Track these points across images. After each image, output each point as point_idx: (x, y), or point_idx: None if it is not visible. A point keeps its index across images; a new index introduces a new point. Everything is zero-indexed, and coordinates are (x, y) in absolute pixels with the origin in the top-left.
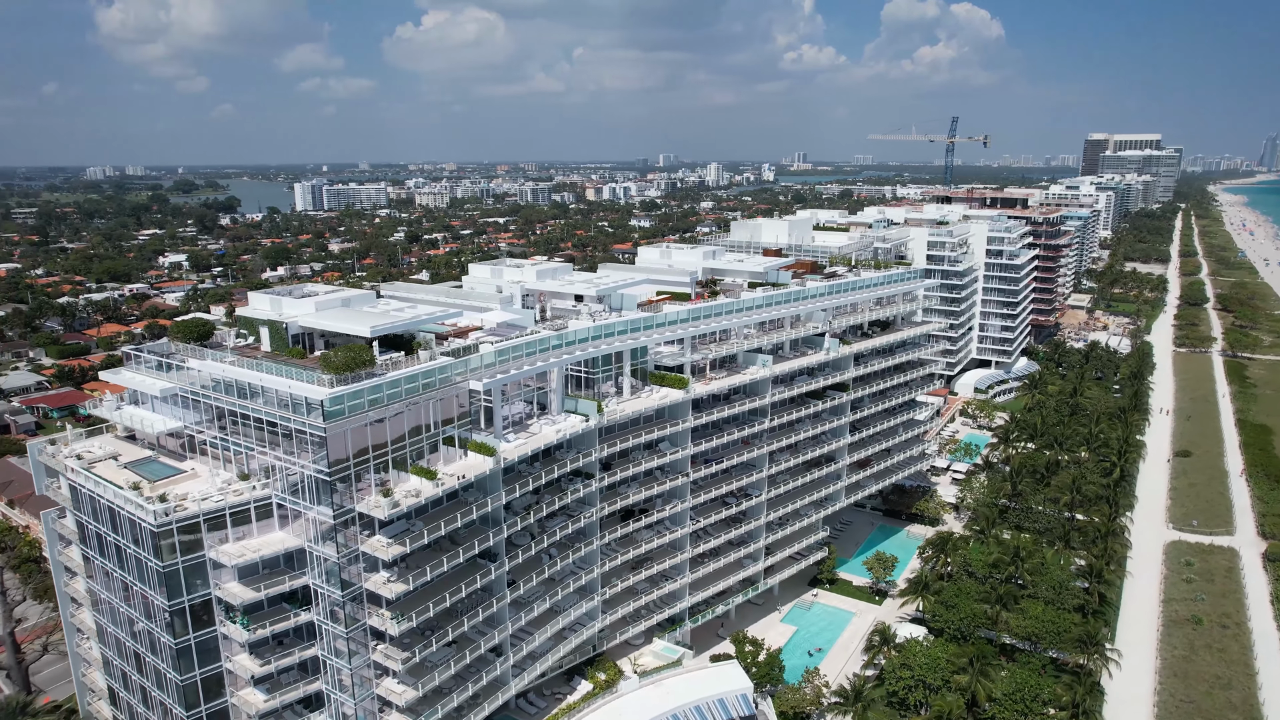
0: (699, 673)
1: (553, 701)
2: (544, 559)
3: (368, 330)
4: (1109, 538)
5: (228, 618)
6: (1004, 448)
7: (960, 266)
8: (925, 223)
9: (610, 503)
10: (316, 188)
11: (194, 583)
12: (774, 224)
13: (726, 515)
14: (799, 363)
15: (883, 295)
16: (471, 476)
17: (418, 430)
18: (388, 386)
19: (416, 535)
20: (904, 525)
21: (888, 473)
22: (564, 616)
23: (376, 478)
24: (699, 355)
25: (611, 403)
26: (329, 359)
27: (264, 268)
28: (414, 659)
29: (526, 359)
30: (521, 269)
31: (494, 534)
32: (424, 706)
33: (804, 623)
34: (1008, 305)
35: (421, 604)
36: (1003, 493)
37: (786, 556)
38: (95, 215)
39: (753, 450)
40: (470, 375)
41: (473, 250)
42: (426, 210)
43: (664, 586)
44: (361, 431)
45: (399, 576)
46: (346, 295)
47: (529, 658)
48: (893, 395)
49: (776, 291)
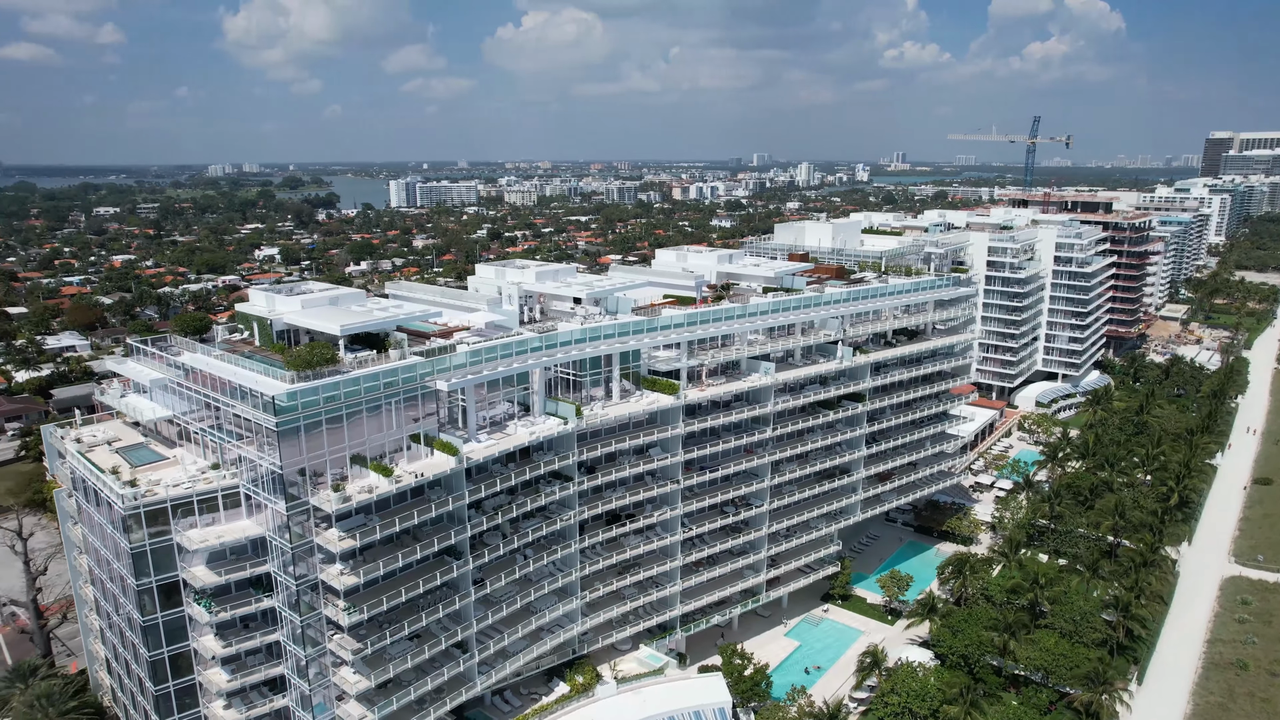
0: (680, 683)
1: (528, 701)
2: (517, 559)
3: (337, 328)
4: (1145, 568)
5: (194, 599)
6: (1051, 466)
7: (1022, 274)
8: (988, 227)
9: (591, 506)
10: (411, 185)
11: (161, 564)
12: (818, 227)
13: (724, 524)
14: (806, 371)
15: (911, 303)
16: (429, 475)
17: (379, 427)
18: (345, 385)
19: (369, 530)
20: (936, 543)
21: (912, 487)
22: (538, 617)
23: (335, 472)
24: (696, 360)
25: (596, 406)
26: (291, 355)
27: (348, 262)
28: (366, 650)
29: (502, 360)
30: (523, 270)
31: (456, 532)
32: (379, 696)
33: (809, 639)
34: (1076, 315)
35: (376, 597)
36: (1041, 514)
37: (794, 569)
38: (208, 210)
39: (754, 459)
40: (438, 376)
41: (550, 248)
42: (513, 208)
43: (652, 593)
44: (317, 426)
45: (352, 569)
46: (337, 293)
47: (499, 655)
48: (919, 407)
49: (784, 298)
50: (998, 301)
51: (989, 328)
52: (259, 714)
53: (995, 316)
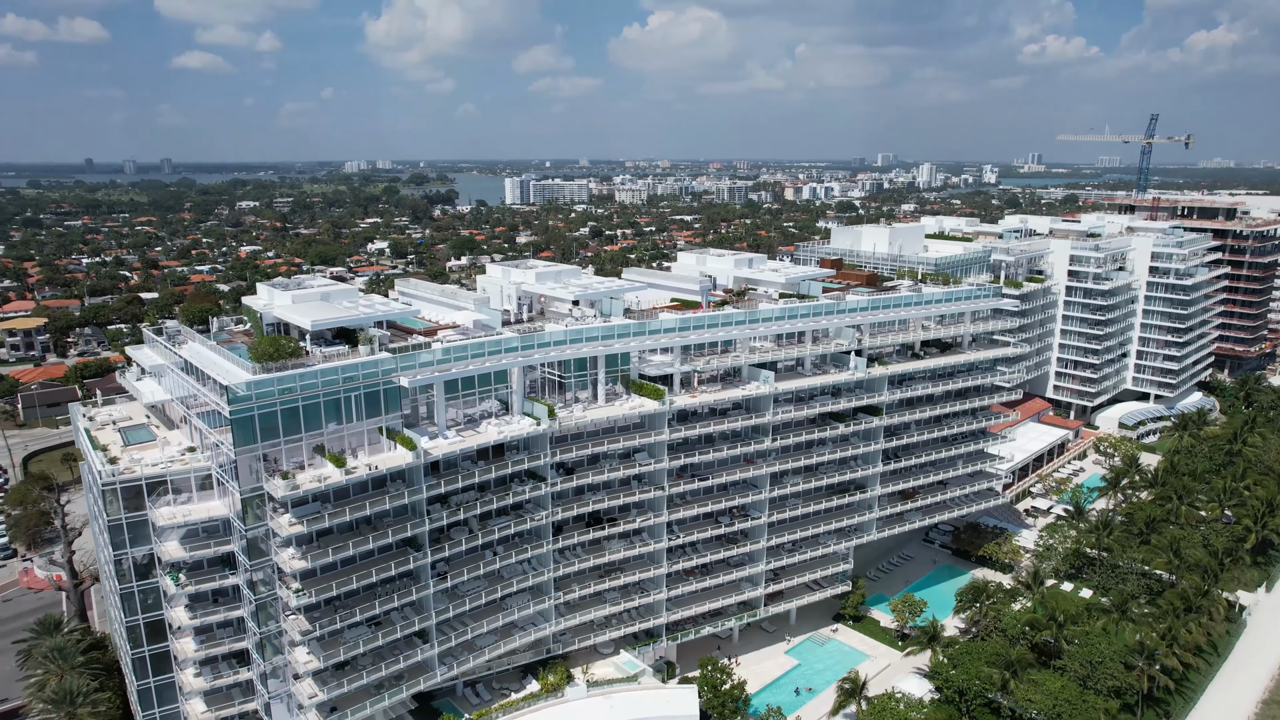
0: (651, 692)
1: (499, 696)
2: (486, 555)
3: (309, 323)
4: (1188, 613)
5: (164, 572)
6: (1113, 494)
7: (1107, 285)
8: (1072, 234)
9: (567, 508)
10: (525, 182)
11: (136, 537)
12: (875, 232)
13: (716, 534)
14: (811, 381)
15: (943, 314)
16: (383, 467)
17: (339, 419)
18: (303, 378)
19: (319, 518)
20: (973, 568)
21: (941, 508)
22: (506, 614)
23: (296, 461)
24: (689, 366)
25: (577, 409)
26: (254, 348)
27: (449, 256)
28: (315, 631)
29: (473, 359)
30: (525, 271)
31: (414, 525)
32: (333, 677)
33: (810, 658)
34: (1174, 331)
35: (327, 582)
36: (1089, 544)
37: (799, 585)
38: (336, 205)
39: (752, 469)
40: (402, 372)
41: (648, 247)
42: (622, 206)
43: (635, 598)
44: (272, 416)
45: (303, 554)
46: (329, 290)
47: (465, 648)
48: (950, 423)
49: (788, 305)
50: (1078, 314)
51: (1068, 341)
52: (225, 683)
53: (1075, 330)
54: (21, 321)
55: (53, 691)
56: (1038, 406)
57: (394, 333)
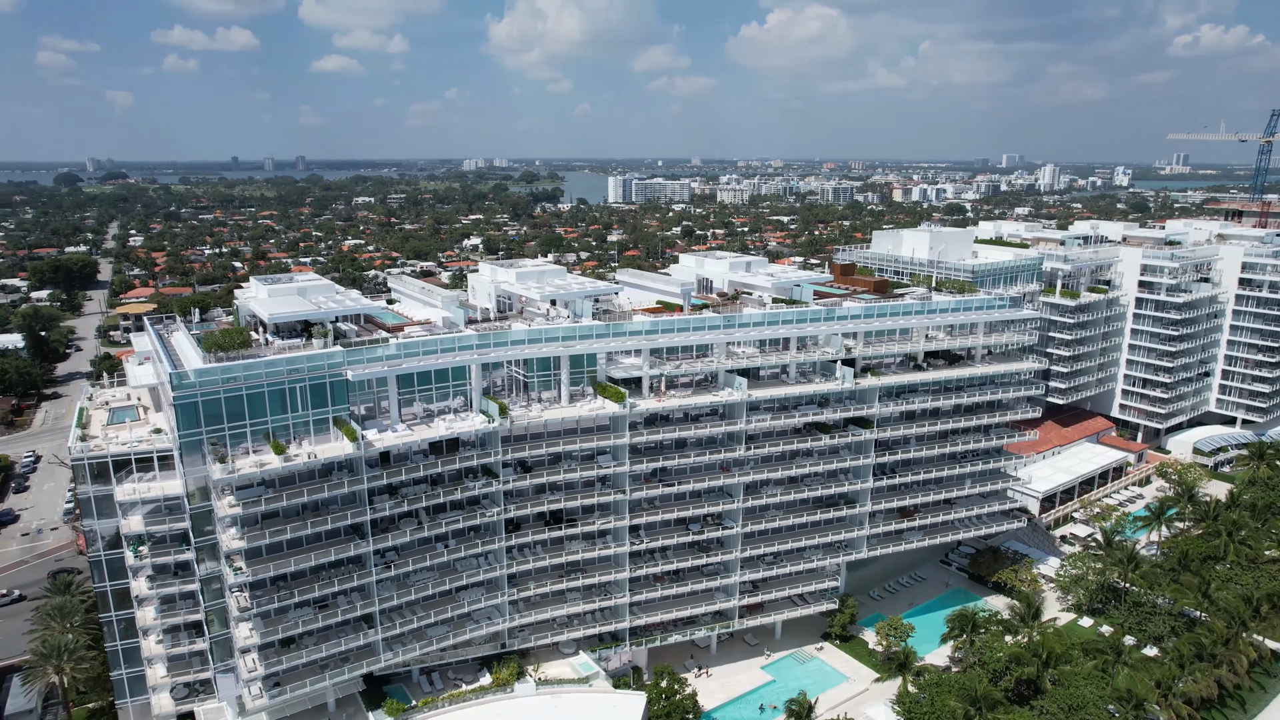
0: (597, 696)
1: (453, 686)
2: (437, 546)
3: (266, 316)
4: (1197, 661)
5: (128, 544)
6: (1156, 525)
7: (1183, 297)
8: (1148, 242)
9: (521, 505)
10: (627, 181)
11: (103, 510)
12: (915, 236)
13: (682, 541)
14: (789, 390)
15: (950, 324)
16: (323, 456)
17: (284, 408)
18: (245, 368)
19: (255, 502)
20: (987, 594)
21: (947, 528)
22: (455, 606)
23: (243, 446)
24: (657, 370)
25: (536, 408)
26: (206, 338)
27: (537, 254)
28: (253, 610)
29: (425, 356)
30: (509, 269)
31: (355, 513)
32: (276, 654)
33: (786, 676)
34: (1266, 350)
35: (268, 563)
36: (1116, 577)
37: (780, 599)
38: (445, 201)
39: (724, 477)
40: (349, 366)
41: (735, 247)
42: (721, 206)
43: (596, 600)
44: (216, 403)
45: (241, 535)
46: (306, 285)
47: (414, 636)
48: (957, 439)
49: (770, 310)
50: (1148, 328)
51: (1136, 357)
52: (184, 651)
53: (1144, 345)
54: (135, 307)
55: (43, 646)
56: (1097, 426)
57: (370, 327)
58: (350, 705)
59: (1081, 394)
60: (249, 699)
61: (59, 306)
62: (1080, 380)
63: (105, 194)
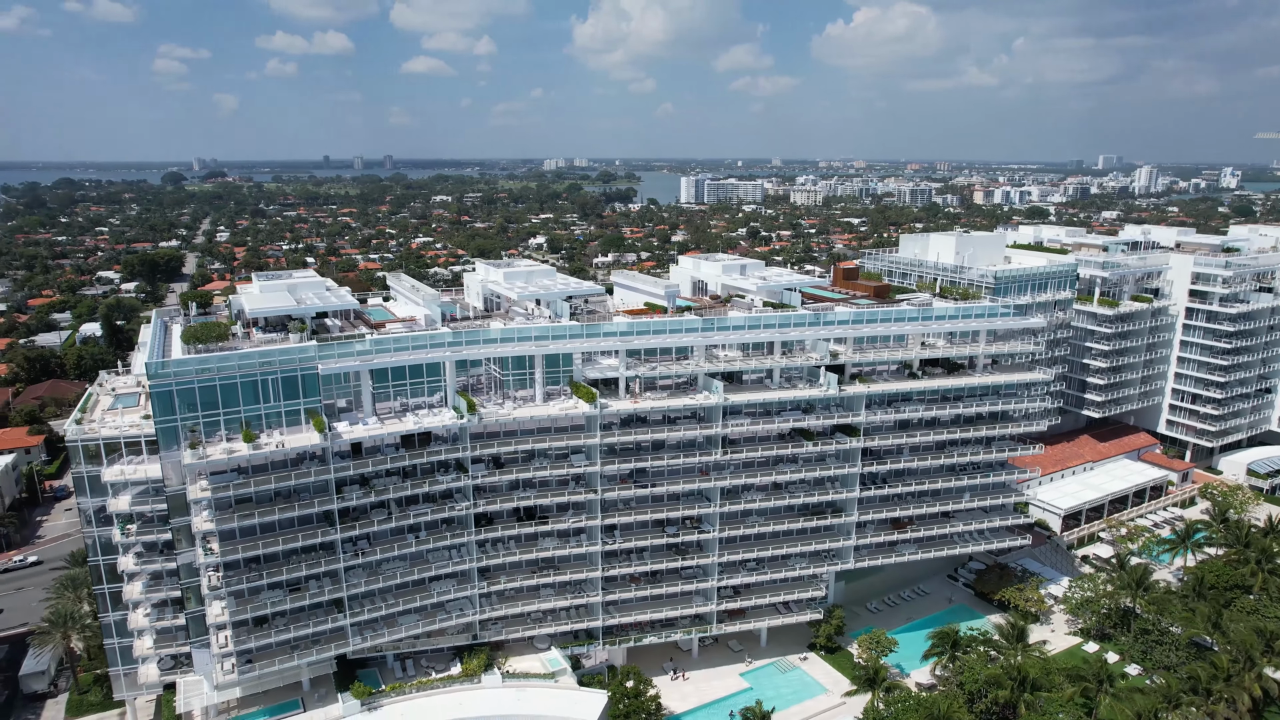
0: (559, 692)
1: (424, 673)
2: (408, 537)
3: (248, 310)
4: (1190, 695)
5: (117, 523)
6: (1181, 550)
7: (1238, 308)
8: (1204, 249)
9: (491, 500)
10: (700, 182)
11: (96, 489)
12: (941, 240)
13: (659, 543)
14: (768, 395)
15: (947, 331)
16: (290, 445)
17: (256, 399)
18: (220, 360)
19: (225, 487)
20: (991, 612)
21: (944, 542)
22: (425, 595)
23: (219, 434)
24: (633, 371)
25: (508, 405)
26: (185, 331)
27: (598, 253)
28: (223, 589)
29: (398, 352)
30: (498, 270)
31: (322, 501)
32: (248, 632)
33: (764, 684)
34: None
35: (237, 545)
36: (1124, 601)
37: (761, 605)
38: (520, 200)
39: (699, 481)
40: (320, 360)
41: (798, 249)
42: (793, 208)
43: (568, 597)
44: (190, 392)
45: (213, 518)
46: (298, 281)
47: (384, 622)
48: (955, 451)
49: (752, 314)
50: (1200, 340)
51: (1186, 371)
52: (168, 625)
53: (1195, 358)
54: None
55: (52, 614)
56: (1140, 442)
57: (358, 323)
58: (323, 685)
59: (1122, 408)
60: (220, 674)
61: (142, 298)
62: (1120, 393)
63: (204, 192)
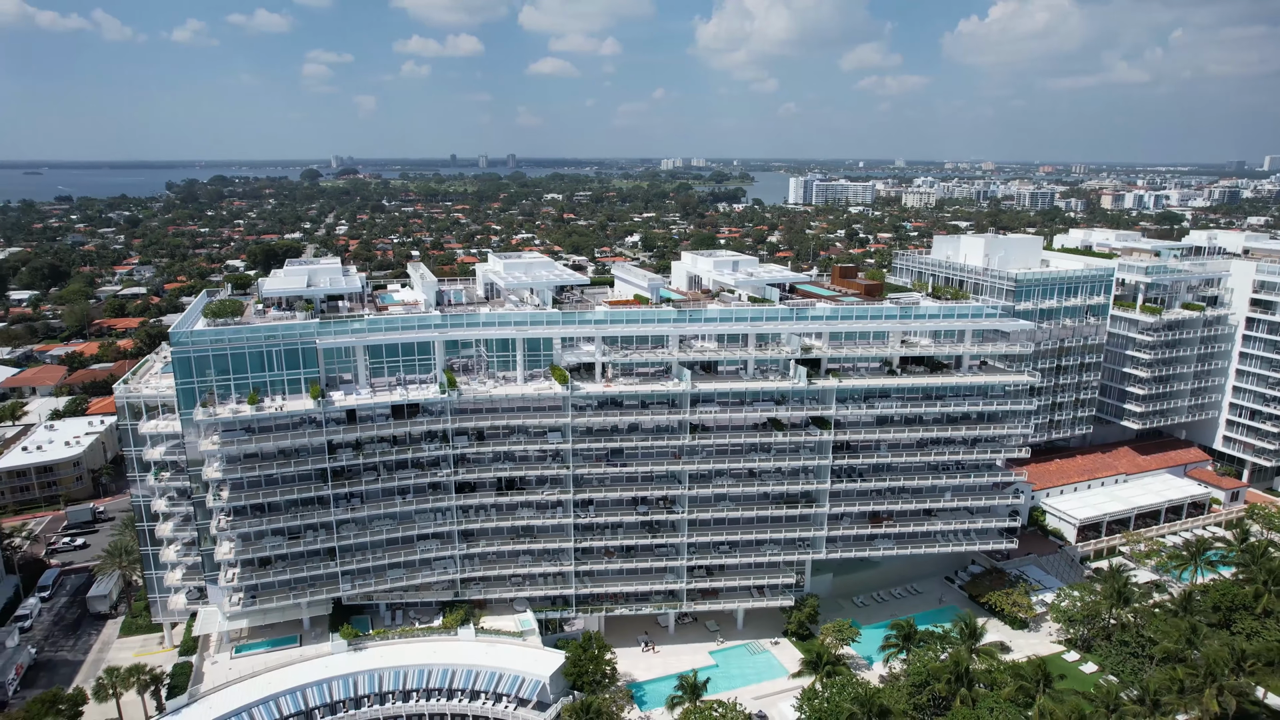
0: (523, 650)
1: (411, 623)
2: (396, 498)
3: (263, 291)
4: (1129, 707)
5: (151, 471)
6: (1191, 567)
7: None
8: (1273, 255)
9: (470, 470)
10: (808, 183)
11: (138, 441)
12: (971, 242)
13: (629, 520)
14: (736, 385)
15: (929, 330)
16: (288, 410)
17: (263, 368)
18: (233, 333)
19: (230, 442)
20: (983, 614)
21: (923, 539)
22: (409, 551)
23: (232, 397)
24: (608, 357)
25: (489, 384)
26: (206, 307)
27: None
28: (230, 531)
29: (389, 331)
30: (499, 261)
31: (316, 460)
32: (253, 571)
33: (730, 663)
34: None
35: (242, 492)
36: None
37: (740, 588)
38: (628, 199)
39: (668, 464)
40: (319, 336)
41: (891, 253)
42: (903, 210)
43: (543, 564)
44: (205, 360)
45: (221, 469)
46: (315, 268)
47: (372, 573)
48: (935, 449)
49: (726, 308)
50: (1260, 353)
51: (1244, 385)
52: (193, 562)
53: (1255, 372)
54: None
55: (109, 547)
56: (1189, 457)
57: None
58: (321, 625)
59: (1168, 420)
60: (228, 605)
61: None
62: (1164, 405)
63: (335, 188)
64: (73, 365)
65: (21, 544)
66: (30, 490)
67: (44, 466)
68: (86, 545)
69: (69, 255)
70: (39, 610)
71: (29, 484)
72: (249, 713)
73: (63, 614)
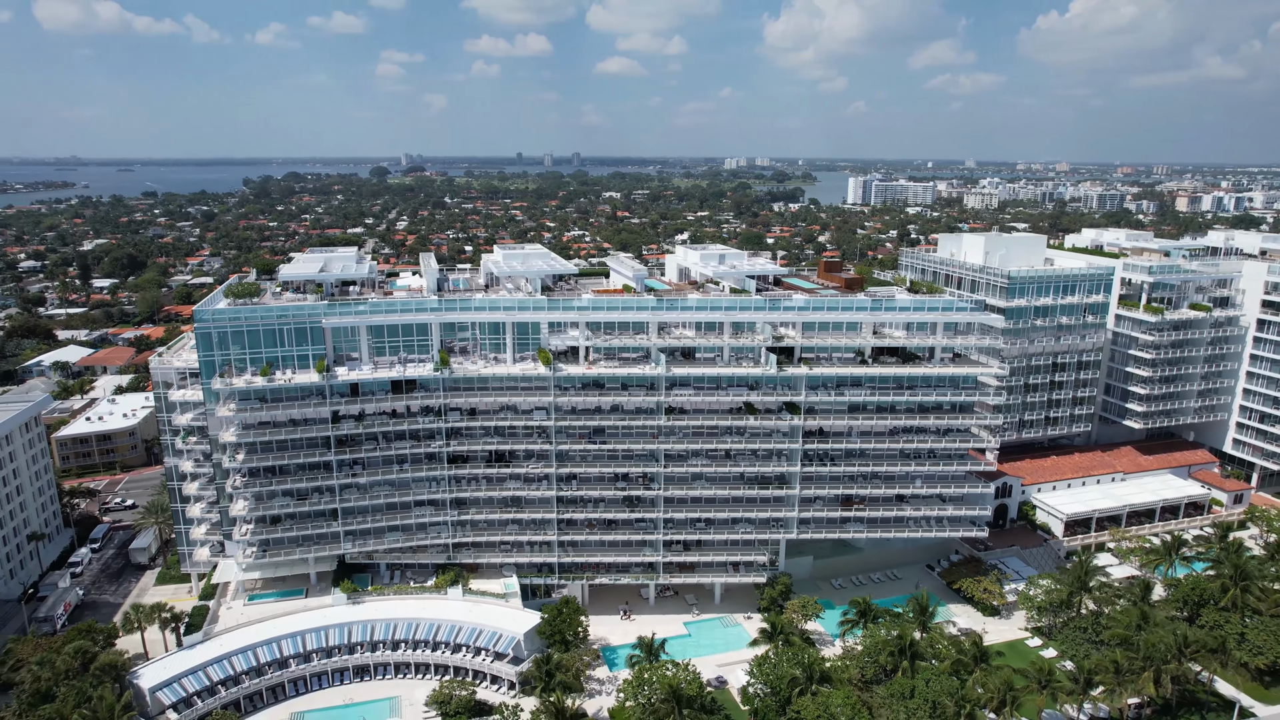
0: (504, 609)
1: (405, 582)
2: (394, 467)
3: (281, 275)
4: (1048, 679)
5: (180, 434)
6: (1166, 562)
7: None
8: None
9: (461, 442)
10: (867, 183)
11: (169, 408)
12: (972, 240)
13: (607, 494)
14: (707, 370)
15: (899, 321)
16: (295, 382)
17: (275, 344)
18: (249, 312)
19: (244, 409)
20: (955, 602)
21: (893, 524)
22: (405, 516)
23: (248, 370)
24: (590, 342)
25: (481, 363)
26: (227, 288)
27: None
28: (243, 489)
29: (388, 314)
30: (499, 251)
31: (319, 428)
32: (264, 528)
33: (702, 634)
34: None
35: (254, 455)
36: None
37: (716, 563)
38: (685, 198)
39: (643, 444)
40: (325, 316)
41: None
42: (962, 211)
43: (528, 533)
44: (225, 336)
45: (236, 433)
46: (331, 256)
47: (371, 534)
48: (904, 437)
49: (703, 298)
50: (1271, 355)
51: (1255, 387)
52: (215, 519)
53: (1265, 374)
54: None
55: (148, 504)
56: (1194, 459)
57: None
58: (325, 580)
59: (1173, 420)
60: (242, 558)
61: None
62: (1168, 406)
63: (401, 185)
64: (140, 347)
65: (79, 502)
66: (91, 456)
67: (103, 435)
68: (135, 506)
69: (148, 247)
70: (89, 559)
71: (90, 450)
72: (254, 651)
73: (109, 564)
